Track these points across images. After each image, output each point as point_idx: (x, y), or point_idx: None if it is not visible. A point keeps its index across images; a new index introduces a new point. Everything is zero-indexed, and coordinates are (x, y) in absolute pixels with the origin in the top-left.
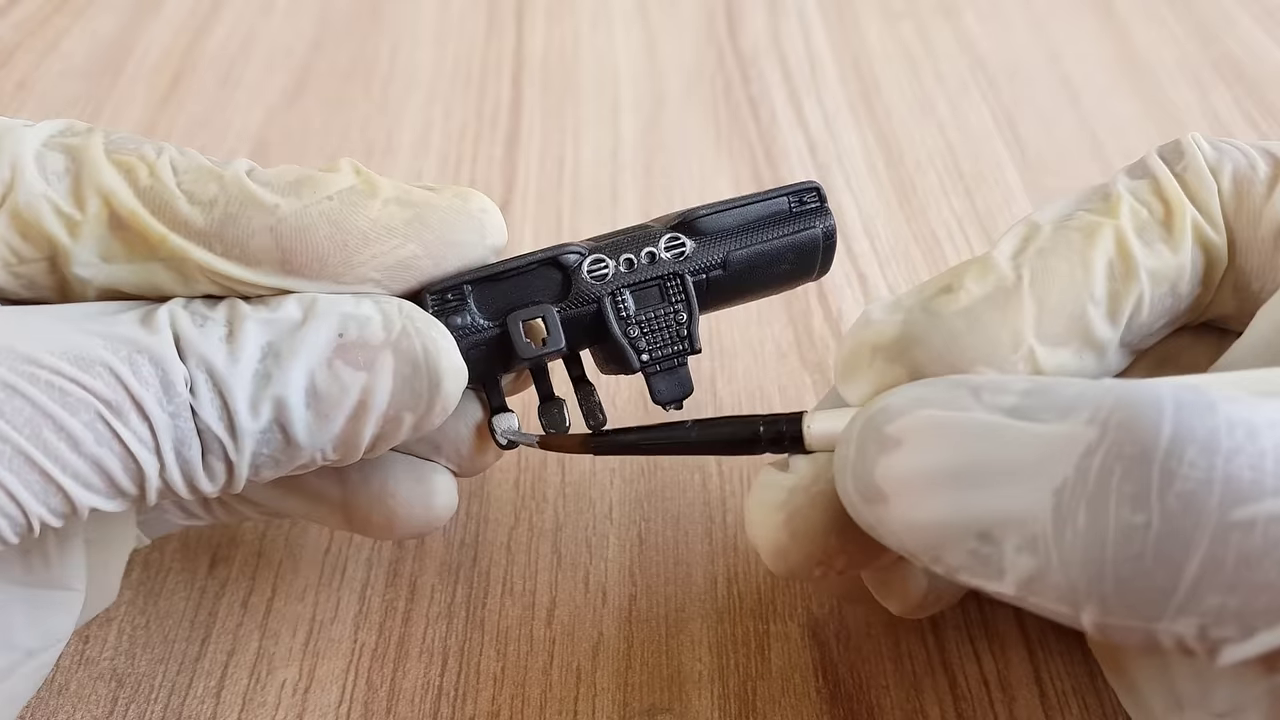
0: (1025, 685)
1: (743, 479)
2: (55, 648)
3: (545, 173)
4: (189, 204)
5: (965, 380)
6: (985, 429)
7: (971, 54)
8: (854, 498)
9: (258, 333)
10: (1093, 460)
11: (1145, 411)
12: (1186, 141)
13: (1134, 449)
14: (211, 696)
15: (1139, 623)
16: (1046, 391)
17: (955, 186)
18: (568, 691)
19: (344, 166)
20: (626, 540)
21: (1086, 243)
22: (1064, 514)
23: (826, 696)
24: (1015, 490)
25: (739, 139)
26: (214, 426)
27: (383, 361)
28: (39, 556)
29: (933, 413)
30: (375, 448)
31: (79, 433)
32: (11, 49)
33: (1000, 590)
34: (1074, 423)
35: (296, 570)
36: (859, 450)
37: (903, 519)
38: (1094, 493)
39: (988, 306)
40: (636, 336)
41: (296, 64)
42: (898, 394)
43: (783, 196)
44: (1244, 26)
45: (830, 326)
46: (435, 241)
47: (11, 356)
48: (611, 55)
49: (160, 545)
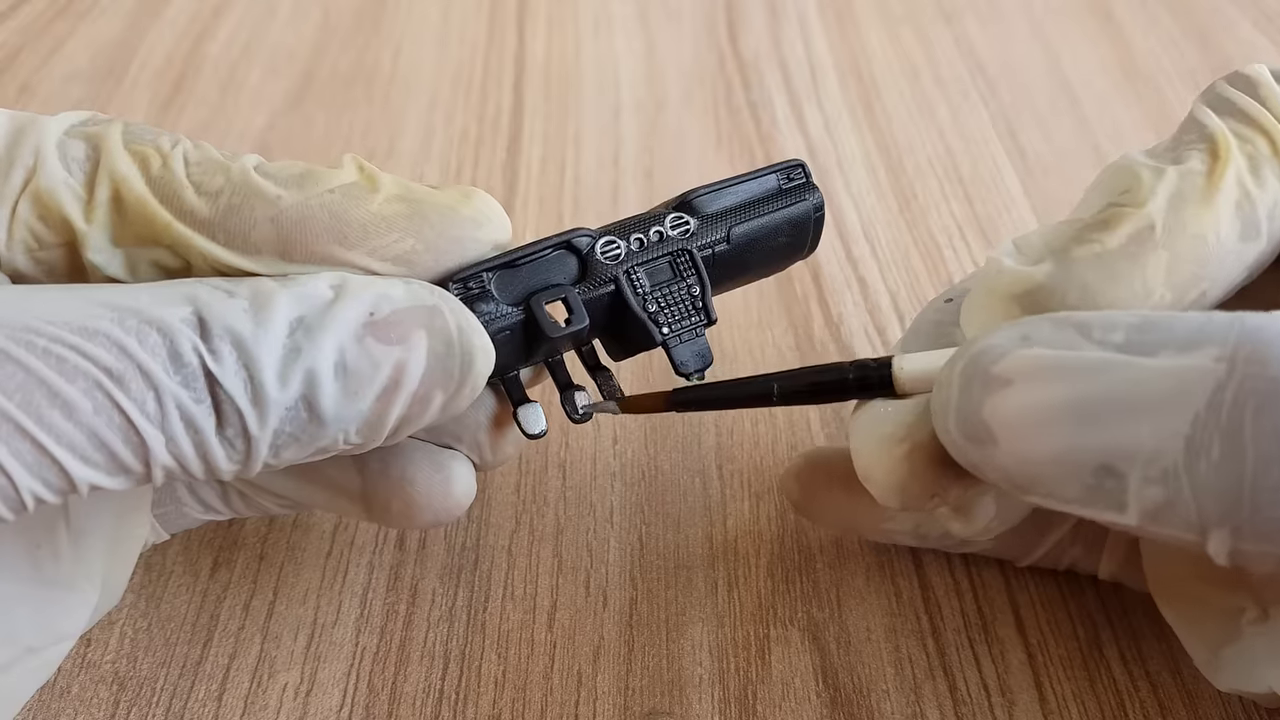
0: (1025, 690)
1: (744, 482)
2: (59, 646)
3: (546, 177)
4: (196, 194)
5: (1067, 318)
6: (1101, 365)
7: (971, 59)
8: (957, 437)
9: (288, 306)
10: (1224, 395)
11: (1273, 347)
12: (1255, 71)
13: (1267, 383)
14: (213, 700)
15: (1274, 548)
16: (1158, 327)
17: (955, 191)
18: (568, 695)
19: (347, 163)
20: (627, 544)
21: (1211, 188)
22: (1197, 447)
23: (827, 701)
24: (1142, 425)
25: (739, 144)
26: (237, 398)
27: (417, 338)
28: (48, 553)
29: (1043, 351)
30: (399, 431)
31: (75, 401)
32: (15, 52)
33: (1119, 521)
34: (1201, 357)
35: (298, 574)
36: (963, 390)
37: (1016, 456)
38: (1228, 426)
39: (1120, 257)
40: (655, 311)
41: (299, 68)
42: (1000, 334)
43: (771, 174)
44: (1243, 31)
45: (830, 330)
46: (435, 237)
47: (7, 325)
48: (612, 60)
49: (162, 549)
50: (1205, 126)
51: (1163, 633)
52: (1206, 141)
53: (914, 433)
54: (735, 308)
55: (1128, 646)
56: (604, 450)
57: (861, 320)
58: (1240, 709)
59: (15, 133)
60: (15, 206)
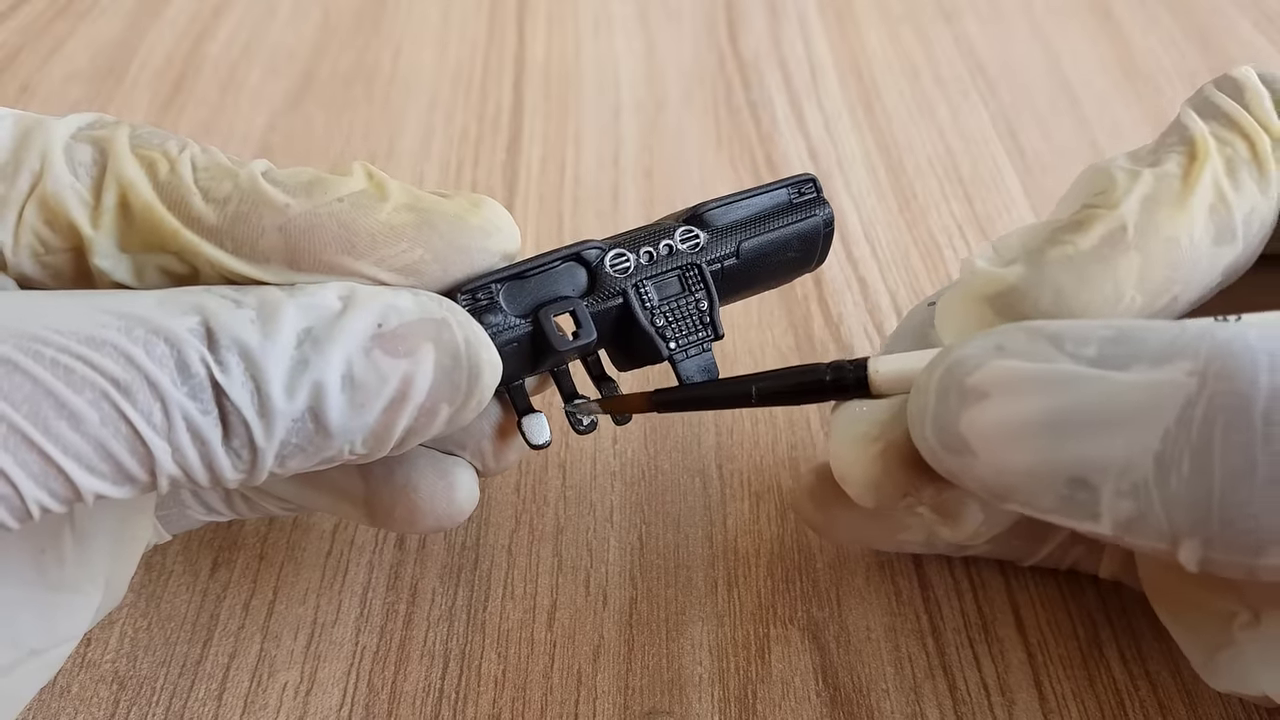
0: (1024, 689)
1: (743, 482)
2: (62, 648)
3: (547, 177)
4: (203, 201)
5: (1041, 329)
6: (1074, 379)
7: (971, 59)
8: (934, 446)
9: (295, 317)
10: (1194, 410)
11: (1243, 362)
12: (1242, 74)
13: (1235, 399)
14: (213, 699)
15: (1242, 558)
16: (1130, 339)
17: (955, 191)
18: (568, 694)
19: (356, 170)
20: (627, 544)
21: (1186, 190)
22: (1168, 462)
23: (826, 700)
24: (1114, 439)
25: (739, 143)
26: (244, 409)
27: (424, 352)
28: (53, 557)
29: (1017, 363)
30: (404, 442)
31: (82, 411)
32: (14, 52)
33: (1094, 530)
34: (1172, 372)
35: (298, 573)
36: (939, 400)
37: (991, 467)
38: (1198, 442)
39: (1092, 259)
40: (663, 325)
41: (299, 68)
42: (975, 344)
43: (783, 189)
44: (1243, 31)
45: (830, 330)
46: (443, 247)
47: (15, 334)
48: (612, 60)
49: (162, 548)
50: (1186, 129)
51: (1162, 632)
52: (1185, 144)
53: (887, 432)
54: (736, 309)
55: (1127, 646)
56: (604, 450)
57: (861, 320)
58: (1240, 708)
59: (22, 135)
60: (22, 211)
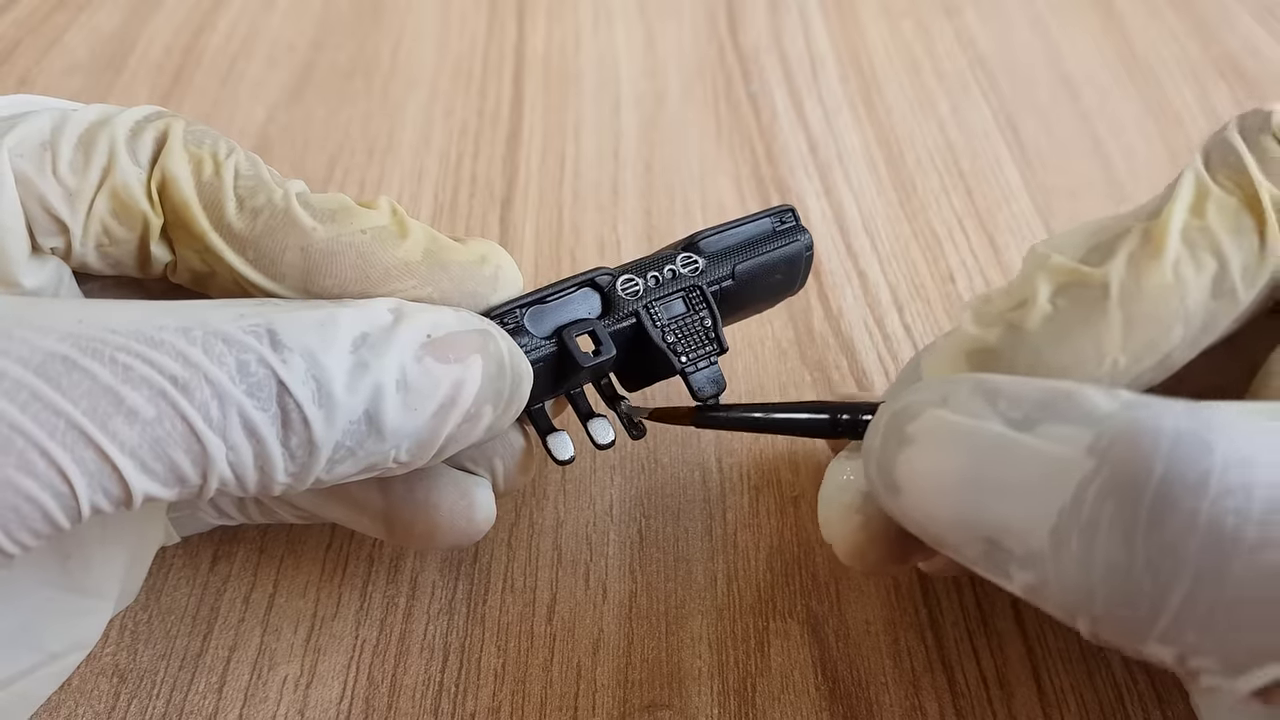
0: (1023, 683)
1: (743, 475)
2: (79, 653)
3: (546, 170)
4: (237, 208)
5: (985, 382)
6: (992, 441)
7: (972, 52)
8: (877, 485)
9: (352, 323)
10: (1088, 491)
11: (1141, 447)
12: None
13: (1126, 486)
14: (213, 692)
15: (1128, 644)
16: (1056, 405)
17: (955, 185)
18: (568, 688)
19: (383, 205)
20: (627, 537)
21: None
22: (1060, 538)
23: (826, 693)
24: (1017, 506)
25: (739, 136)
26: (305, 405)
27: (473, 359)
28: (79, 563)
29: (946, 416)
30: (445, 449)
31: (139, 408)
32: (13, 45)
33: (1010, 590)
34: (1075, 448)
35: (298, 566)
36: (882, 443)
37: (921, 513)
38: (1087, 523)
39: (1074, 321)
40: (674, 342)
41: (298, 61)
42: (923, 391)
43: (765, 218)
44: (1244, 24)
45: (830, 324)
46: (452, 290)
47: (73, 336)
48: (612, 53)
49: None
50: (1184, 179)
51: None
52: (1182, 194)
53: (868, 504)
54: None
55: None
56: None
57: (861, 314)
58: None
59: (91, 128)
60: (92, 203)
